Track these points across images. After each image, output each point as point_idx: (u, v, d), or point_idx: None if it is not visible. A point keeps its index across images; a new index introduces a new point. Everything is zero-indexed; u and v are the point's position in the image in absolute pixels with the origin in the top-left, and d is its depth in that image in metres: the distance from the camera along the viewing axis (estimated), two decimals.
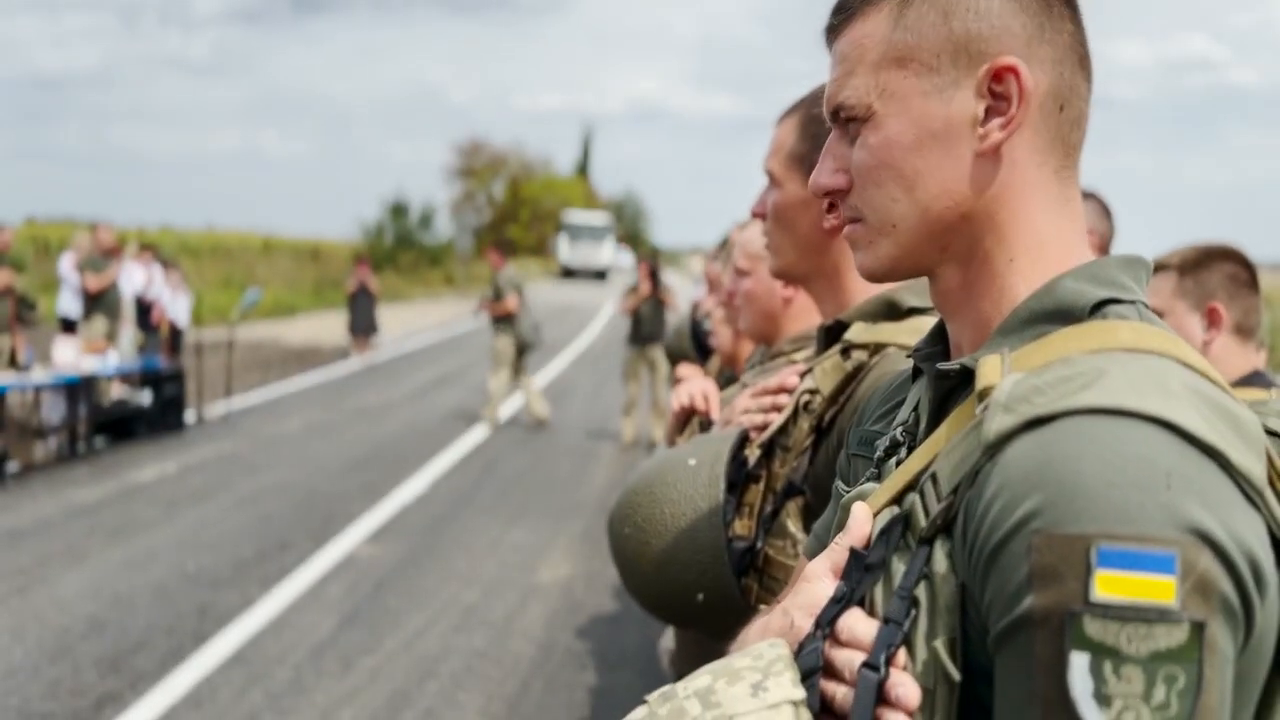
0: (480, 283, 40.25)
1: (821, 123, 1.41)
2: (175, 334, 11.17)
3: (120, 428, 8.64)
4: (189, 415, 9.63)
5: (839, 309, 1.37)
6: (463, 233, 37.55)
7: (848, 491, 0.89)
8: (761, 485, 1.38)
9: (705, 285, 15.70)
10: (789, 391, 1.38)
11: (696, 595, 1.28)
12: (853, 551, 0.78)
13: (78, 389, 7.99)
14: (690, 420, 2.15)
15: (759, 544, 1.35)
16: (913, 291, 1.32)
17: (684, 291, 14.13)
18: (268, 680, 4.06)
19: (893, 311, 1.31)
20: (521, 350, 10.27)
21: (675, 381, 4.39)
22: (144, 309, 10.90)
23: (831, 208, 0.88)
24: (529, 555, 6.06)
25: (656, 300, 9.57)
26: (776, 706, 0.70)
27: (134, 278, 10.54)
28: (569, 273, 47.73)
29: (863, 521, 0.80)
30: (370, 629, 4.69)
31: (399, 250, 36.79)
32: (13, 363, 7.91)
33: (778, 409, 1.38)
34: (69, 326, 9.91)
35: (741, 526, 1.43)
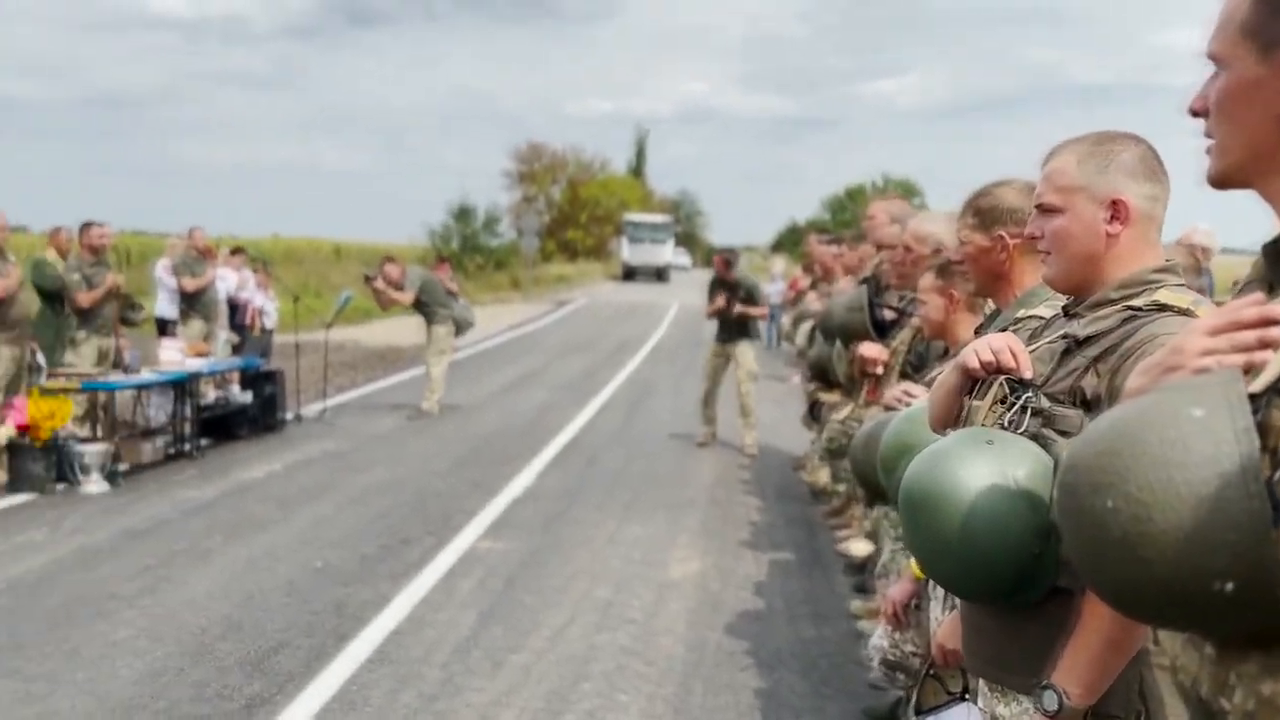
0: (545, 286, 40.33)
1: None
2: (266, 335, 11.18)
3: (222, 427, 8.60)
4: (287, 415, 9.59)
5: None
6: (528, 235, 37.55)
7: None
8: None
9: (783, 281, 15.48)
10: (1277, 323, 1.06)
11: (1222, 585, 0.97)
12: None
13: (182, 389, 7.96)
14: (982, 382, 1.87)
15: None
16: None
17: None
18: (418, 681, 3.87)
19: None
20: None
21: (856, 359, 4.14)
22: (235, 310, 10.92)
23: None
24: (652, 550, 5.82)
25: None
26: None
27: (226, 280, 10.55)
28: (630, 273, 47.63)
29: None
30: (511, 626, 4.48)
31: (465, 254, 36.96)
32: (117, 364, 7.89)
33: (1270, 345, 1.05)
34: (164, 329, 9.93)
35: None
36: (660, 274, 46.38)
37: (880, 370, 3.82)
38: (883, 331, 4.08)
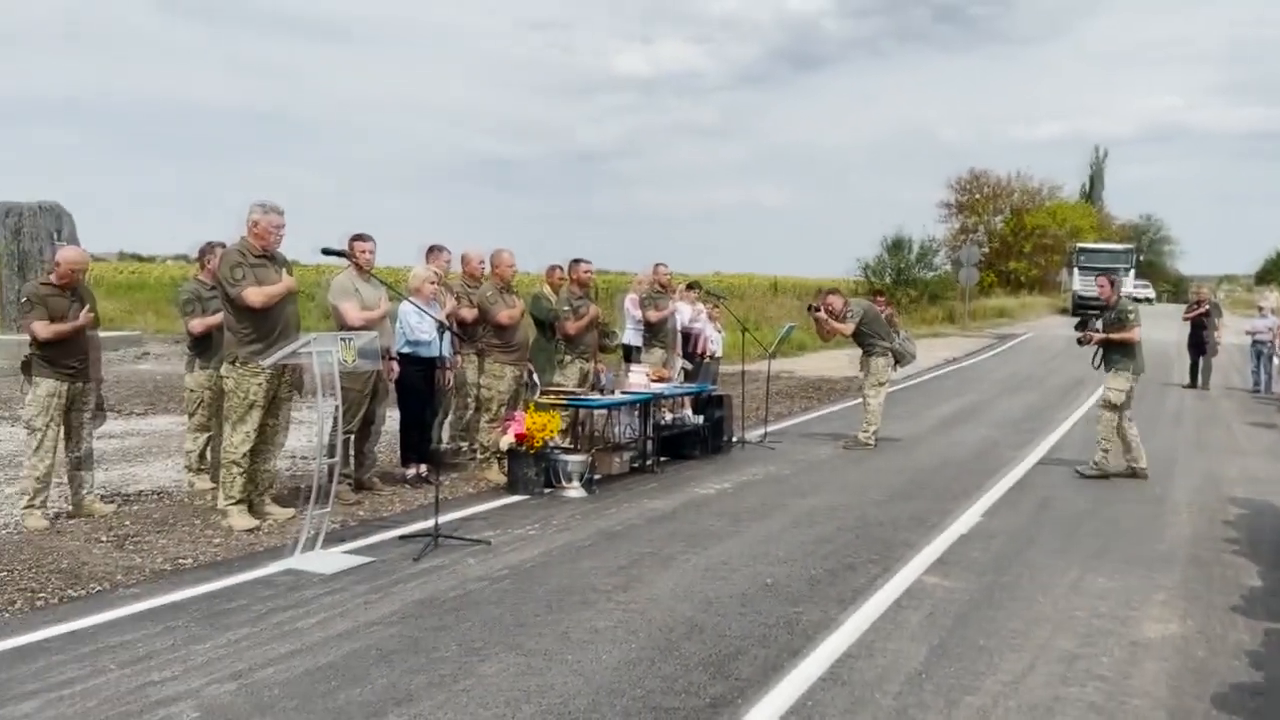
0: (983, 319, 38.61)
1: None
2: (714, 362, 11.87)
3: (676, 446, 9.28)
4: (732, 438, 10.11)
5: None
6: (967, 266, 36.23)
7: None
8: None
9: (1275, 317, 13.86)
10: None
11: None
12: None
13: (646, 410, 8.71)
14: None
15: None
16: None
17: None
18: (872, 706, 3.87)
19: None
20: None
21: None
22: (687, 340, 11.72)
23: None
24: (1121, 605, 5.30)
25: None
26: None
27: (682, 312, 11.38)
28: (1081, 306, 44.02)
29: None
30: (965, 666, 4.32)
31: (898, 288, 36.56)
32: (594, 385, 8.83)
33: None
34: (629, 355, 10.94)
35: None
36: None
37: None
38: None
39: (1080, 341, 9.23)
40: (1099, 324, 9.15)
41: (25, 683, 3.88)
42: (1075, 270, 45.47)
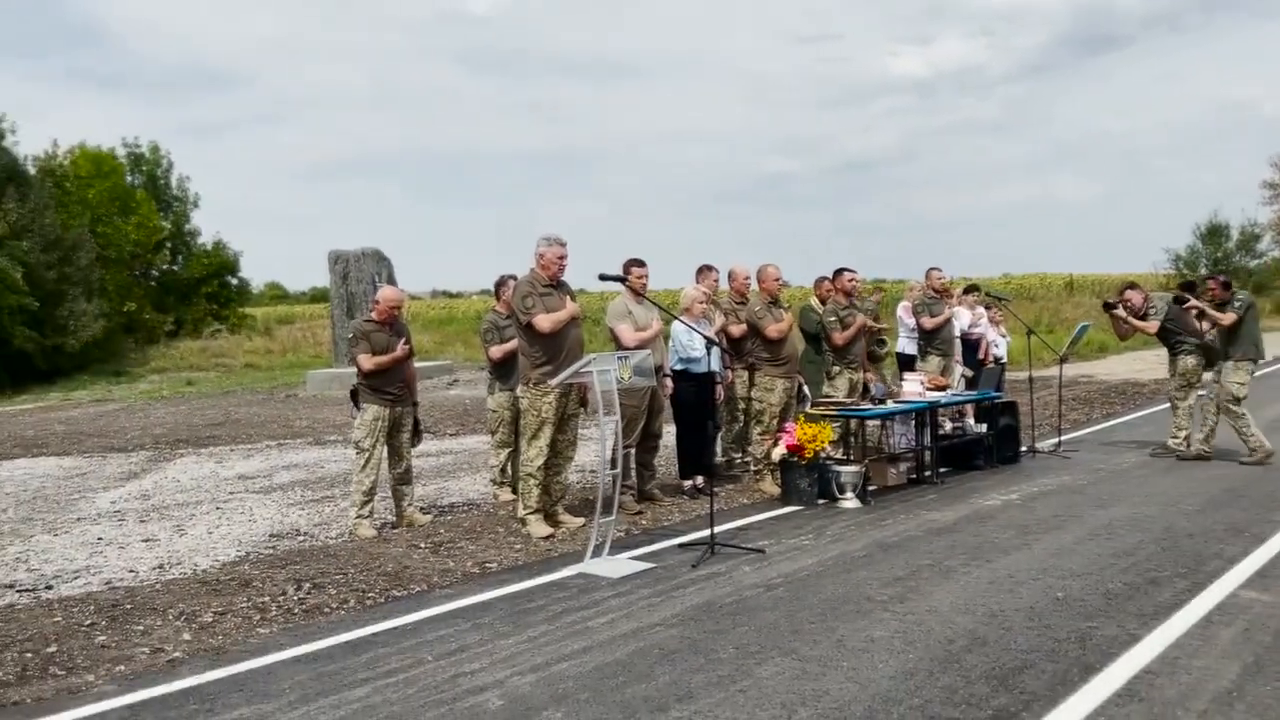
0: None
1: None
2: (998, 367, 11.35)
3: (959, 457, 8.97)
4: (1021, 447, 9.63)
5: None
6: None
7: None
8: None
9: None
10: None
11: None
12: None
13: (923, 419, 8.50)
14: None
15: None
16: None
17: None
18: None
19: None
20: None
21: None
22: (969, 346, 11.30)
23: None
24: None
25: None
26: None
27: (960, 318, 11.00)
28: None
29: None
30: None
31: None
32: (865, 395, 8.75)
33: None
34: (906, 364, 10.71)
35: None
36: None
37: None
38: None
39: (1175, 300, 9.45)
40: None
41: (357, 671, 4.44)
42: None
